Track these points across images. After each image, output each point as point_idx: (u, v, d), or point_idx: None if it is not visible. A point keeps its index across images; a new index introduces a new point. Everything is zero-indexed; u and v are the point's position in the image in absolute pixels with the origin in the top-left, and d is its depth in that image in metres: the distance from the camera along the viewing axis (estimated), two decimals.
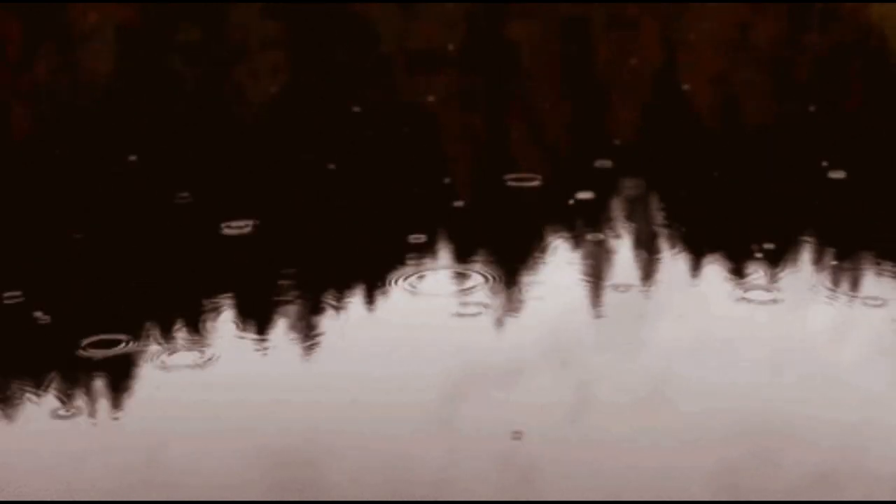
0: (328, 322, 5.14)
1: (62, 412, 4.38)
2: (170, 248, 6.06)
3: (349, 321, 5.15)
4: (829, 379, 4.63)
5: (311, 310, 5.25)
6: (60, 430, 4.28)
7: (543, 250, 5.95)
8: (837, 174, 6.96)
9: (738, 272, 5.63)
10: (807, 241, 6.00)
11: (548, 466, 3.99)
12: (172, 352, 4.82)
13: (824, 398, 4.47)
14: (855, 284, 5.49)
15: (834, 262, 5.72)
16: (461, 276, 5.59)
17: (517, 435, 4.15)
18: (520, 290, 5.42)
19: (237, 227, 6.18)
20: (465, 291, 5.41)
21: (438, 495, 3.84)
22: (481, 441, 4.15)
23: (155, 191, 6.88)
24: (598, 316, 5.21)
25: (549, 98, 9.46)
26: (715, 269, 5.68)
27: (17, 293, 5.34)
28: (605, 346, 4.91)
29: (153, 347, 4.84)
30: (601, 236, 6.11)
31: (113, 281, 5.61)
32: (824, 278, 5.56)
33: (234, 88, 9.83)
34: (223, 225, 6.19)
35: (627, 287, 5.46)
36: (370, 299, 5.37)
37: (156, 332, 4.97)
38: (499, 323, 5.12)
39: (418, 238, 6.02)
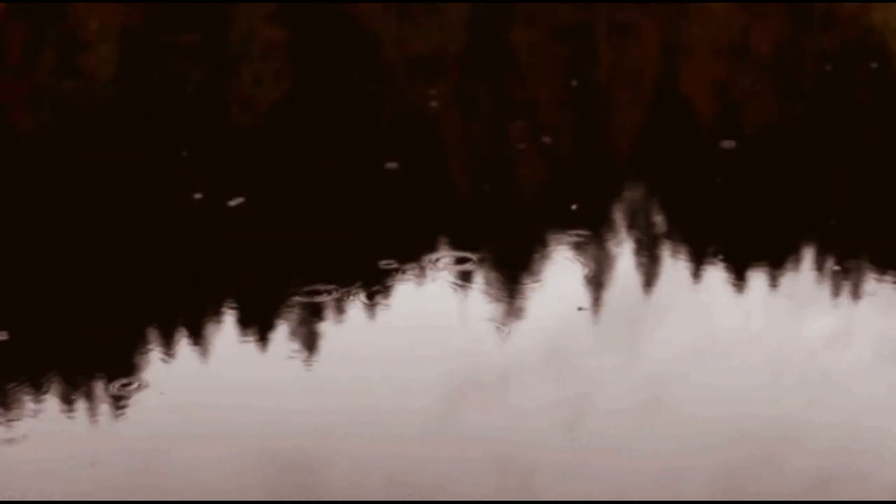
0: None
1: (62, 414, 4.40)
2: (171, 245, 6.09)
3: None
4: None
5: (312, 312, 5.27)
6: (62, 431, 4.30)
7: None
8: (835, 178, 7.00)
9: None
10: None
11: (547, 469, 4.01)
12: (173, 355, 4.85)
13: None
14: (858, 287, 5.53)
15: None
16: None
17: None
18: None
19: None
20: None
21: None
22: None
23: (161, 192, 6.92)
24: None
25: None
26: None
27: None
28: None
29: (154, 352, 4.86)
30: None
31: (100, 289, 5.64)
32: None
33: (235, 92, 9.84)
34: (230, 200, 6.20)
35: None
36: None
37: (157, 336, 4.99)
38: None
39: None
